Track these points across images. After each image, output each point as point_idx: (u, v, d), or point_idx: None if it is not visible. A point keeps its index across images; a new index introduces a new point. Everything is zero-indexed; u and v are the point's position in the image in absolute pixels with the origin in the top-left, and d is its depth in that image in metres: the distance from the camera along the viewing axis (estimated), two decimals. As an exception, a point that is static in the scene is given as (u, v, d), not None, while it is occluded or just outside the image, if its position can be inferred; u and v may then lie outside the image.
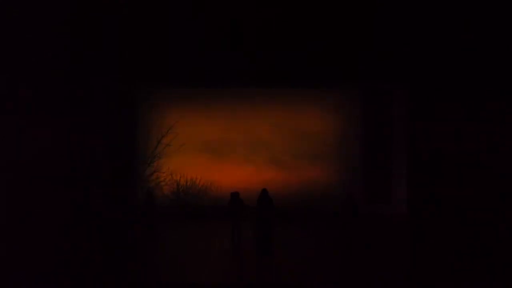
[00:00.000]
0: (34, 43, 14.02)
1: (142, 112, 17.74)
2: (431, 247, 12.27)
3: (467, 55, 14.57)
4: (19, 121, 13.81)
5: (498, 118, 13.99)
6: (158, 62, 16.03)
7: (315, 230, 14.63)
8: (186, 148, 17.60)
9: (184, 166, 17.65)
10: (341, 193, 13.49)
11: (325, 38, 15.61)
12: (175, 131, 17.61)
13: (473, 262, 10.84)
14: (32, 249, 11.85)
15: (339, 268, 10.85)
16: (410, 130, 17.53)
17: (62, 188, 15.58)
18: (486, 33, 13.91)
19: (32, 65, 14.20)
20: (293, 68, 16.33)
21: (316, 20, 15.30)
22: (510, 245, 12.25)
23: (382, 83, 17.73)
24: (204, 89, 17.52)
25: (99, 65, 16.43)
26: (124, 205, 16.98)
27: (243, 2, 14.52)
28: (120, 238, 13.27)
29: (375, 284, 9.65)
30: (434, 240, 13.12)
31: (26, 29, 13.69)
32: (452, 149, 15.76)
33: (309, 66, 16.16)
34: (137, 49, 15.63)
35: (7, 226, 12.82)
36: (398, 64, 16.41)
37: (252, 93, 17.72)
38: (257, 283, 9.59)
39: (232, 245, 12.42)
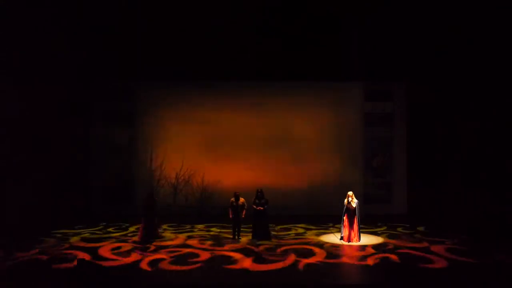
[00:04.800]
0: (33, 43, 14.05)
1: (140, 110, 17.77)
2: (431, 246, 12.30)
3: (467, 55, 14.61)
4: (18, 120, 13.83)
5: (498, 118, 14.02)
6: (157, 60, 16.08)
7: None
8: (185, 146, 17.64)
9: (183, 165, 17.68)
10: (342, 193, 13.45)
11: (325, 38, 15.68)
12: (174, 130, 17.70)
13: (473, 262, 10.86)
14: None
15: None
16: (410, 130, 17.62)
17: (62, 189, 15.62)
18: (484, 33, 13.95)
19: (32, 65, 14.23)
20: (294, 67, 16.40)
21: (318, 23, 15.35)
22: (510, 244, 12.28)
23: (382, 83, 17.81)
24: (203, 86, 17.58)
25: (98, 65, 16.48)
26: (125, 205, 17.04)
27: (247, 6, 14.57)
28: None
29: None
30: (433, 239, 13.15)
31: (26, 29, 13.71)
32: (452, 149, 15.80)
33: (310, 66, 16.23)
34: (136, 48, 15.68)
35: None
36: (398, 63, 16.49)
37: (251, 93, 17.79)
38: (258, 283, 9.57)
39: (233, 242, 12.85)
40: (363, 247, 12.20)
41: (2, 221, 13.02)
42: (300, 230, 14.53)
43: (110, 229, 14.53)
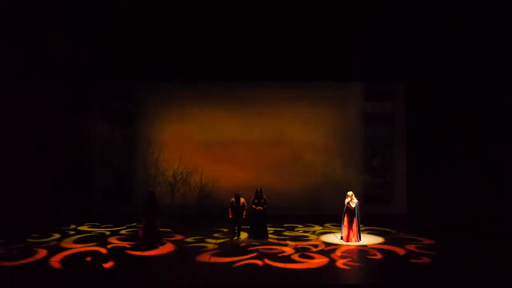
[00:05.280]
0: (33, 43, 14.05)
1: (140, 110, 17.74)
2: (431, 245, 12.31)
3: (467, 55, 14.60)
4: (18, 120, 13.84)
5: (498, 118, 14.01)
6: (157, 60, 16.07)
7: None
8: (185, 146, 17.61)
9: (180, 163, 17.64)
10: (342, 193, 13.48)
11: (325, 38, 15.67)
12: (173, 129, 17.68)
13: (473, 262, 10.86)
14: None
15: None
16: (410, 130, 17.60)
17: (62, 189, 15.62)
18: (484, 33, 13.94)
19: (32, 65, 14.23)
20: (294, 67, 16.37)
21: (318, 23, 15.33)
22: (509, 244, 12.28)
23: (382, 83, 17.81)
24: (203, 86, 17.56)
25: (98, 65, 16.48)
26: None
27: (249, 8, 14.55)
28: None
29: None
30: (433, 239, 13.15)
31: (26, 29, 13.72)
32: (452, 149, 15.79)
33: (310, 66, 16.20)
34: (136, 48, 15.66)
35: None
36: (398, 63, 16.47)
37: (251, 92, 17.77)
38: (258, 283, 9.59)
39: (232, 241, 12.95)
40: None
41: (2, 221, 13.03)
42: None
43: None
